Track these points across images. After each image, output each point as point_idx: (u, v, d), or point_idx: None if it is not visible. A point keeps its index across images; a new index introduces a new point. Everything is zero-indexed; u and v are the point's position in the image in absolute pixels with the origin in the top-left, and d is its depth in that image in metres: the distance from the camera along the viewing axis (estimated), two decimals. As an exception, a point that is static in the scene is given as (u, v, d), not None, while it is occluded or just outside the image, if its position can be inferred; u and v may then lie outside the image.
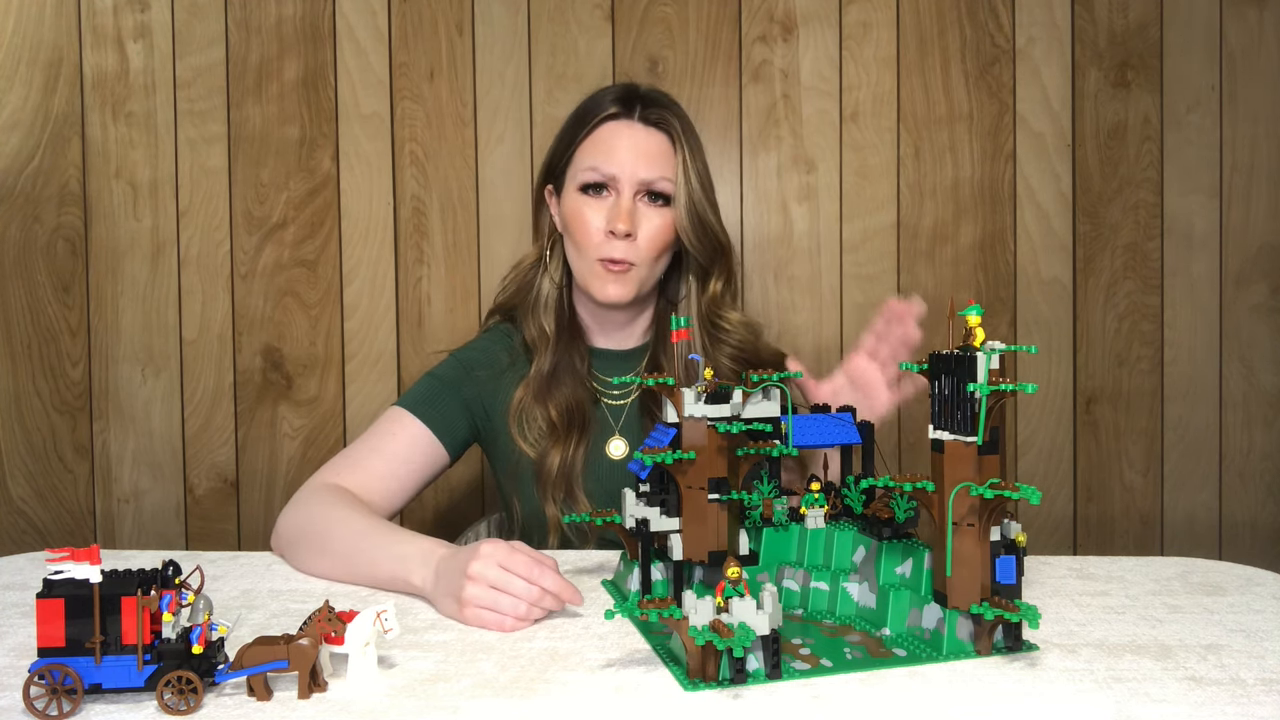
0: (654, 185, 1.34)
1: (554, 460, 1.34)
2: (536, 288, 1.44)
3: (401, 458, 1.33)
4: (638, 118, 1.36)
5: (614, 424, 1.41)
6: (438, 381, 1.41)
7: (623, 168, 1.34)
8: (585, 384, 1.40)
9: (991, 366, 0.86)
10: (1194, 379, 1.90)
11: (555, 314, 1.42)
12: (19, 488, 1.93)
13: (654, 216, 1.35)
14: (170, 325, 1.92)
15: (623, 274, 1.35)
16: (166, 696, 0.78)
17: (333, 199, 1.90)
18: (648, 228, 1.35)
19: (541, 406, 1.37)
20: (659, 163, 1.35)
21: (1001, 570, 0.89)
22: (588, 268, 1.36)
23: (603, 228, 1.34)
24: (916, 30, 1.88)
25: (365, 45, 1.89)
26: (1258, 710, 0.78)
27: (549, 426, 1.36)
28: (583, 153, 1.37)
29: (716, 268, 1.41)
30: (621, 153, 1.34)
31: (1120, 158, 1.88)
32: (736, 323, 1.43)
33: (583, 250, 1.36)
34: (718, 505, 0.94)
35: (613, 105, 1.36)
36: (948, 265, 1.89)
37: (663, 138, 1.36)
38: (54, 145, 1.90)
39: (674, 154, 1.36)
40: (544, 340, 1.40)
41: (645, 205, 1.35)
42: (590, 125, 1.36)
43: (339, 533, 1.17)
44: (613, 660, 0.90)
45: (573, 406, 1.37)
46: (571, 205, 1.37)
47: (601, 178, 1.34)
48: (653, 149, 1.35)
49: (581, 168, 1.36)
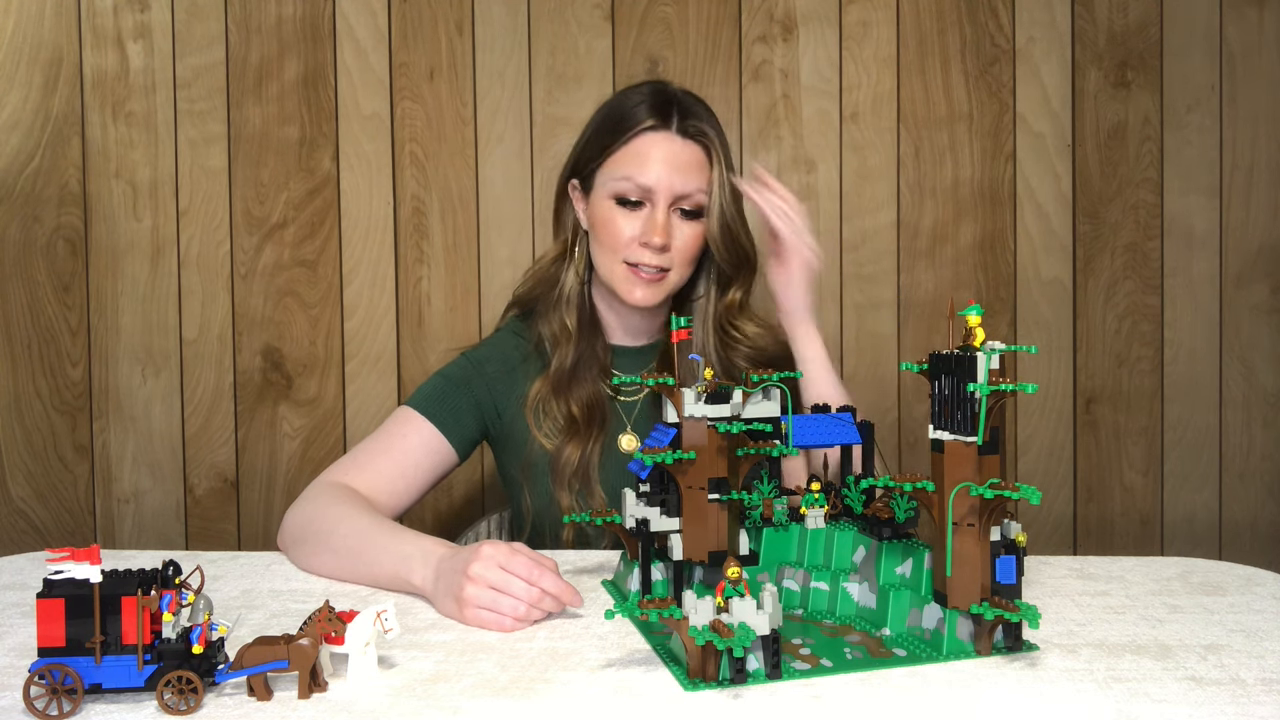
0: (688, 200, 1.34)
1: (572, 454, 1.35)
2: (561, 283, 1.43)
3: (410, 459, 1.34)
4: (675, 129, 1.35)
5: (626, 419, 1.42)
6: (448, 381, 1.41)
7: (659, 181, 1.32)
8: (605, 379, 1.41)
9: (991, 366, 0.86)
10: (1194, 379, 1.90)
11: (578, 309, 1.41)
12: (19, 488, 1.93)
13: (686, 228, 1.35)
14: (170, 325, 1.92)
15: (656, 282, 1.35)
16: (167, 696, 0.78)
17: (333, 199, 1.90)
18: (680, 239, 1.35)
19: (562, 401, 1.37)
20: (694, 176, 1.34)
21: (1001, 570, 0.89)
22: (616, 270, 1.36)
23: (636, 237, 1.34)
24: (916, 30, 1.88)
25: (365, 45, 1.89)
26: (1258, 710, 0.78)
27: (568, 421, 1.36)
28: (617, 161, 1.35)
29: (740, 278, 1.42)
30: (659, 166, 1.33)
31: (1120, 158, 1.88)
32: (752, 334, 1.43)
33: (612, 253, 1.36)
34: (718, 505, 0.94)
35: (651, 116, 1.34)
36: (948, 265, 1.89)
37: (699, 150, 1.36)
38: (54, 145, 1.90)
39: (709, 166, 1.36)
40: (565, 335, 1.40)
41: (678, 218, 1.35)
42: (627, 135, 1.35)
43: (342, 530, 1.17)
44: (613, 660, 0.90)
45: (593, 402, 1.37)
46: (603, 212, 1.36)
47: (637, 191, 1.33)
48: (689, 161, 1.34)
49: (615, 176, 1.34)
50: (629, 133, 1.35)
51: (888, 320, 1.90)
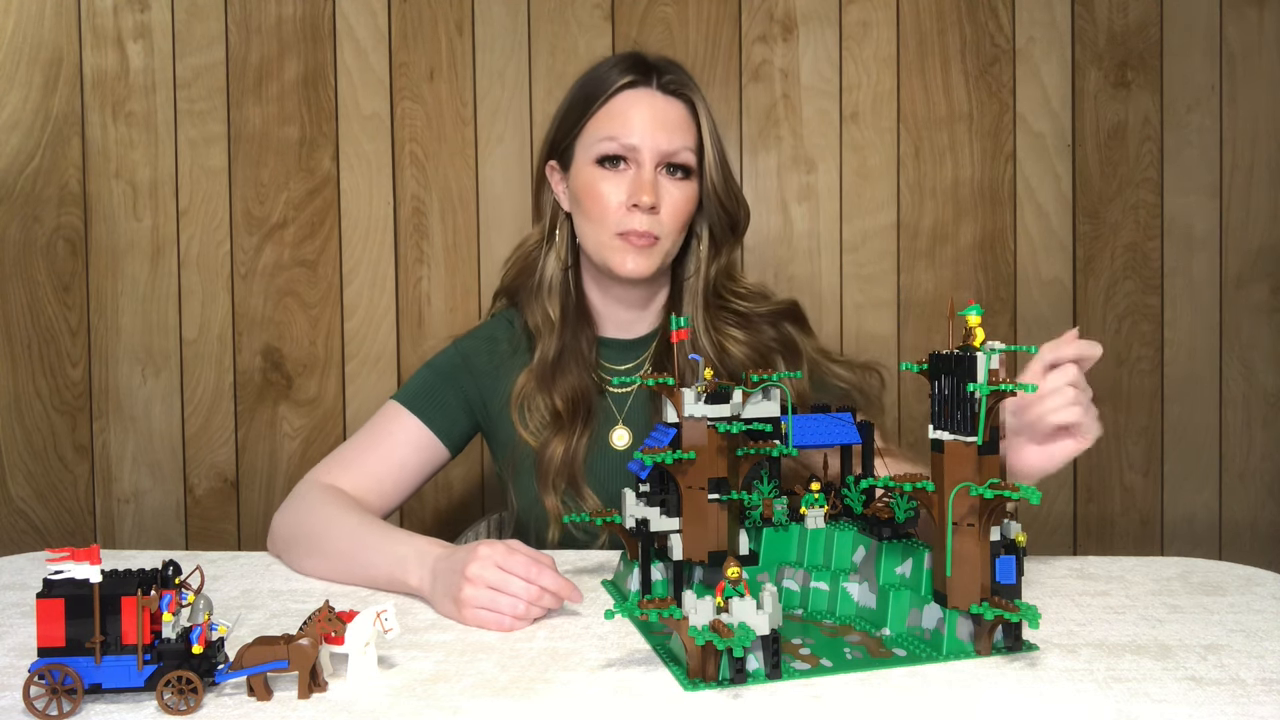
0: (675, 157, 1.29)
1: (557, 450, 1.29)
2: (540, 269, 1.37)
3: (397, 457, 1.31)
4: (656, 86, 1.30)
5: (618, 413, 1.36)
6: (435, 374, 1.37)
7: (644, 138, 1.27)
8: (591, 371, 1.35)
9: (991, 366, 0.86)
10: (1194, 379, 1.90)
11: (561, 297, 1.36)
12: (19, 488, 1.93)
13: (674, 189, 1.29)
14: (170, 325, 1.92)
15: (648, 248, 1.28)
16: (166, 696, 0.78)
17: (333, 199, 1.90)
18: (670, 201, 1.29)
19: (545, 394, 1.31)
20: (680, 133, 1.29)
21: (1001, 570, 0.89)
22: (605, 241, 1.29)
23: (623, 201, 1.27)
24: (916, 30, 1.88)
25: (365, 45, 1.89)
26: (1258, 710, 0.78)
27: (552, 416, 1.31)
28: (597, 124, 1.29)
29: (733, 238, 1.37)
30: (642, 122, 1.27)
31: (1120, 158, 1.88)
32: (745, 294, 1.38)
33: (599, 224, 1.29)
34: (718, 505, 0.94)
35: (628, 73, 1.29)
36: (948, 265, 1.89)
37: (682, 106, 1.31)
38: (54, 145, 1.90)
39: (694, 123, 1.31)
40: (548, 325, 1.34)
41: (665, 178, 1.29)
42: (606, 95, 1.29)
43: (334, 533, 1.16)
44: (613, 660, 0.90)
45: (577, 395, 1.31)
46: (585, 178, 1.30)
47: (621, 149, 1.27)
48: (673, 118, 1.29)
49: (597, 138, 1.28)
50: (606, 93, 1.29)
51: (888, 320, 1.90)
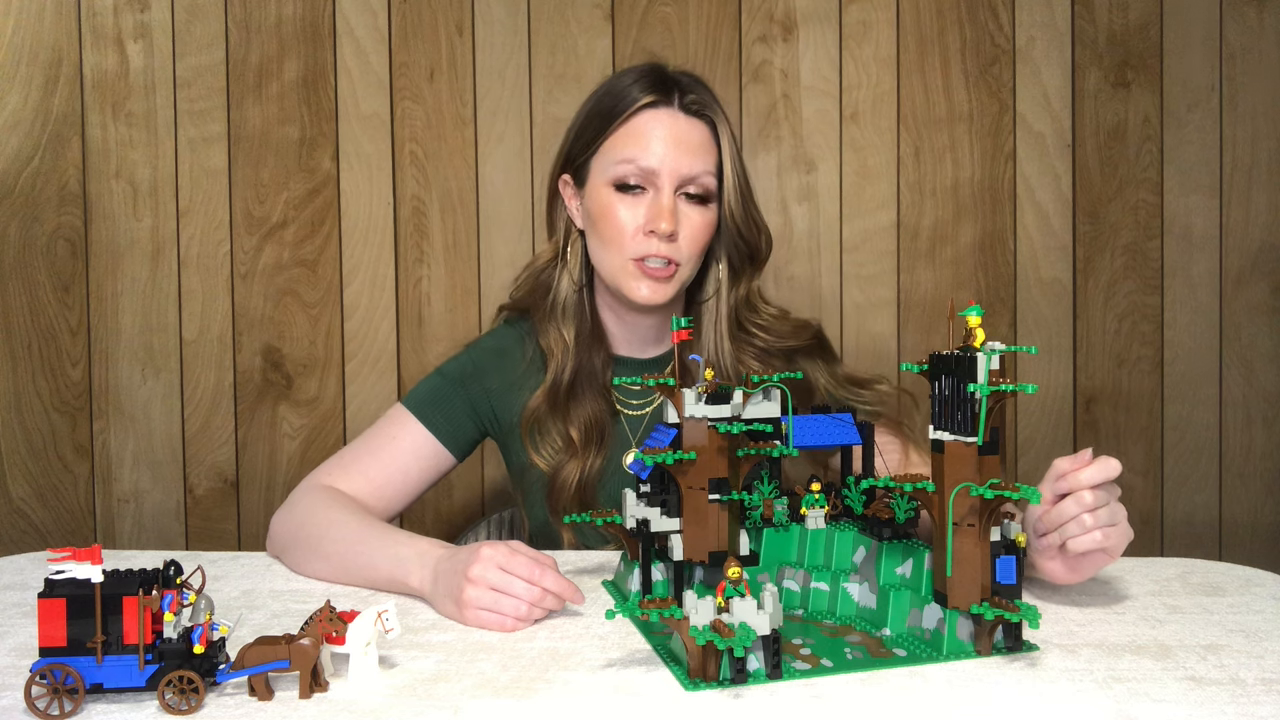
0: (696, 181, 1.24)
1: (570, 475, 1.26)
2: (554, 290, 1.32)
3: (400, 463, 1.29)
4: (679, 106, 1.24)
5: (631, 436, 1.33)
6: (446, 382, 1.34)
7: (664, 162, 1.21)
8: (606, 395, 1.31)
9: (991, 367, 0.87)
10: (1194, 379, 1.90)
11: (576, 319, 1.31)
12: (19, 488, 1.93)
13: (694, 215, 1.24)
14: (170, 325, 1.92)
15: (666, 277, 1.24)
16: (168, 696, 0.78)
17: (333, 199, 1.90)
18: (689, 226, 1.24)
19: (559, 420, 1.27)
20: (701, 157, 1.24)
21: (1001, 570, 0.89)
22: (620, 266, 1.25)
23: (641, 226, 1.23)
24: (916, 30, 1.88)
25: (365, 45, 1.89)
26: (1258, 710, 0.78)
27: (565, 442, 1.27)
28: (615, 143, 1.24)
29: (754, 265, 1.32)
30: (662, 145, 1.22)
31: (1120, 158, 1.88)
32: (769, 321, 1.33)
33: (615, 248, 1.24)
34: (718, 505, 0.94)
35: (650, 91, 1.23)
36: (948, 265, 1.89)
37: (704, 128, 1.25)
38: (54, 145, 1.90)
39: (715, 145, 1.26)
40: (562, 348, 1.30)
41: (684, 203, 1.24)
42: (625, 114, 1.23)
43: (334, 535, 1.15)
44: (613, 660, 0.90)
45: (592, 422, 1.27)
46: (601, 201, 1.25)
47: (639, 173, 1.22)
48: (694, 141, 1.23)
49: (614, 160, 1.23)
50: (626, 112, 1.23)
51: (887, 320, 1.90)
